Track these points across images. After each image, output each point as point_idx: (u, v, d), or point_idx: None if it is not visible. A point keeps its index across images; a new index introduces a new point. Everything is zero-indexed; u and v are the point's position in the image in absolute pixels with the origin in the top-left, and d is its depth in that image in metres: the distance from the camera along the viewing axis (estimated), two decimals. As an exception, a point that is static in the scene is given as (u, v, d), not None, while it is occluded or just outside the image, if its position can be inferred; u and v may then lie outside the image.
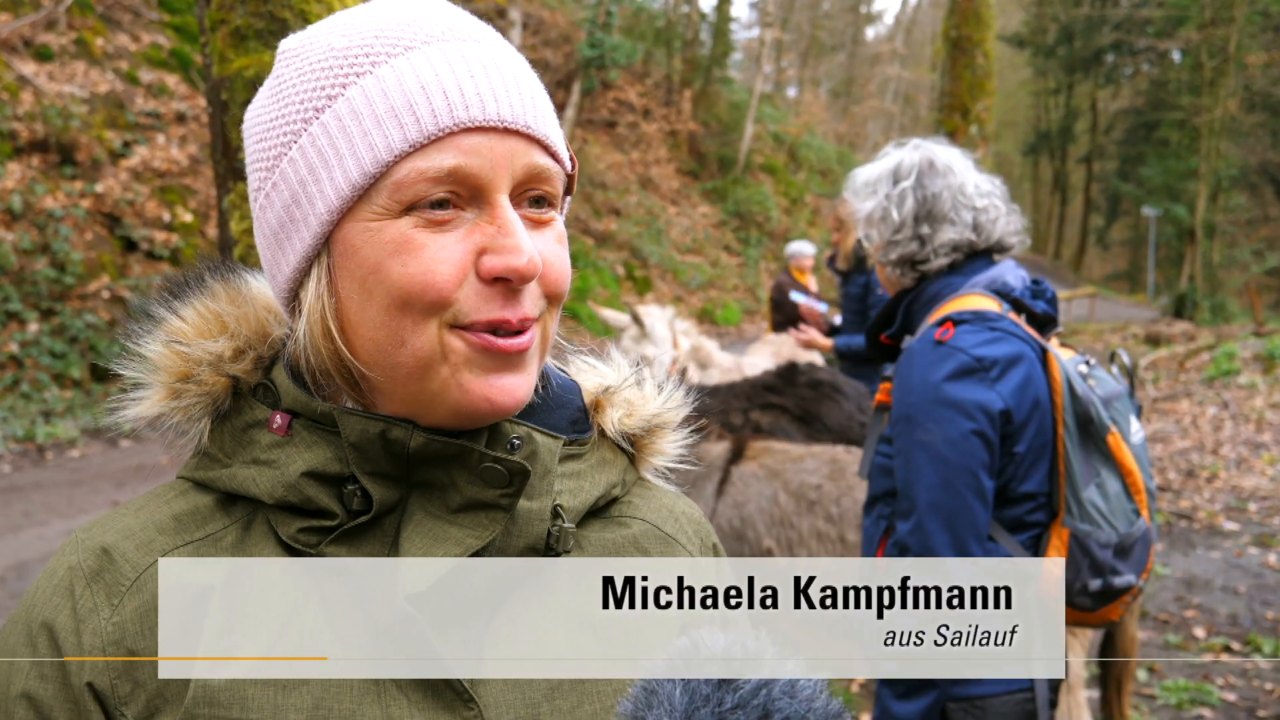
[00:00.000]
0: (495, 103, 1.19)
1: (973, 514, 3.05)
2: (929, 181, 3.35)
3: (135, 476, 12.26)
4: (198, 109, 19.89)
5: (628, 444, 1.51)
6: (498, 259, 1.18)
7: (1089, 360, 3.25)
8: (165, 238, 17.63)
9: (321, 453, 1.26)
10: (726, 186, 37.36)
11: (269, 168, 1.25)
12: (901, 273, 3.45)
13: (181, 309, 1.37)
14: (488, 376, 1.21)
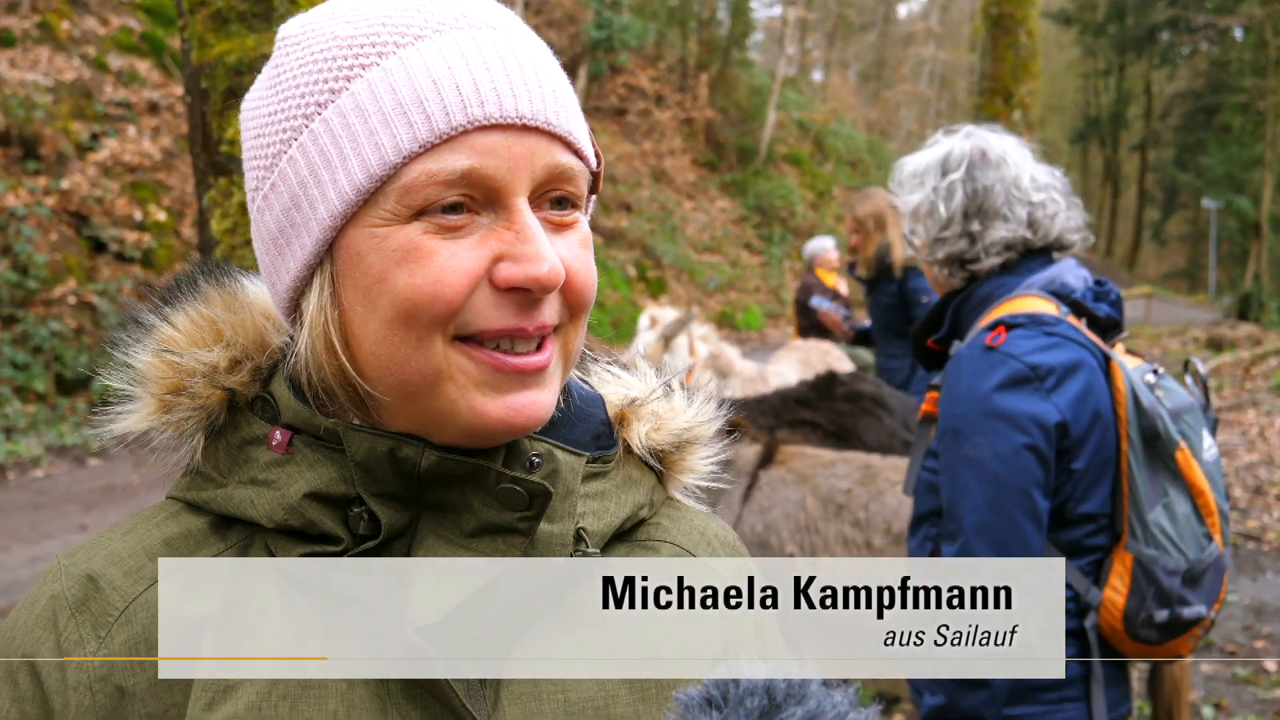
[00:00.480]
0: (513, 97, 1.18)
1: (1025, 537, 3.03)
2: (980, 173, 3.33)
3: (105, 498, 12.29)
4: (172, 98, 19.95)
5: (655, 461, 1.50)
6: (516, 268, 1.18)
7: (1157, 369, 3.22)
8: (137, 238, 17.68)
9: (325, 472, 1.26)
10: (747, 179, 37.36)
11: (267, 166, 1.25)
12: (950, 272, 3.43)
13: (173, 315, 1.36)
14: (503, 396, 1.21)
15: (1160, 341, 28.59)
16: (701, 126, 37.94)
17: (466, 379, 1.20)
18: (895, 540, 4.91)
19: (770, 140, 39.09)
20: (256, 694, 1.21)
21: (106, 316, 16.18)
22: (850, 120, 51.71)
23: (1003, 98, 20.76)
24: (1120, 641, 3.14)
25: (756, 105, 40.21)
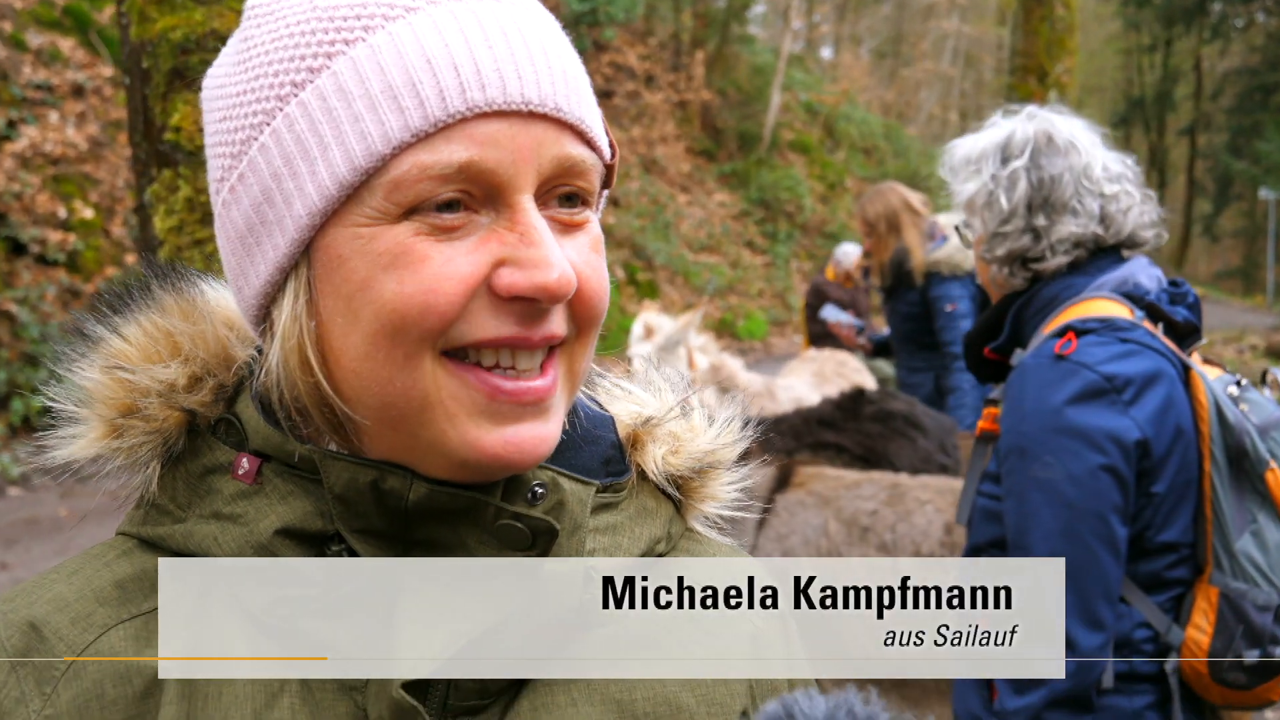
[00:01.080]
0: (518, 80, 1.16)
1: (1102, 569, 3.02)
2: (1047, 161, 3.32)
3: (28, 533, 12.22)
4: (99, 80, 19.91)
5: (673, 488, 1.48)
6: (520, 274, 1.16)
7: (1240, 380, 3.21)
8: (61, 238, 17.61)
9: (299, 505, 1.24)
10: (748, 169, 37.37)
11: (235, 154, 1.23)
12: (1010, 272, 3.42)
13: (123, 326, 1.34)
14: (501, 429, 1.19)
15: (1213, 349, 28.57)
16: (697, 110, 37.94)
17: (457, 405, 1.18)
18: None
19: (774, 125, 39.10)
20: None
21: (27, 328, 16.09)
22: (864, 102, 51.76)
23: (1036, 76, 20.85)
24: (1204, 687, 3.13)
25: (759, 86, 40.22)
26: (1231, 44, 58.82)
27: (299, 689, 1.22)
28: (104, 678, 1.22)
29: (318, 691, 1.22)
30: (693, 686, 1.36)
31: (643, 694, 1.33)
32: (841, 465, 6.17)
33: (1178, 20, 57.19)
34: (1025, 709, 3.07)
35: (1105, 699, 3.13)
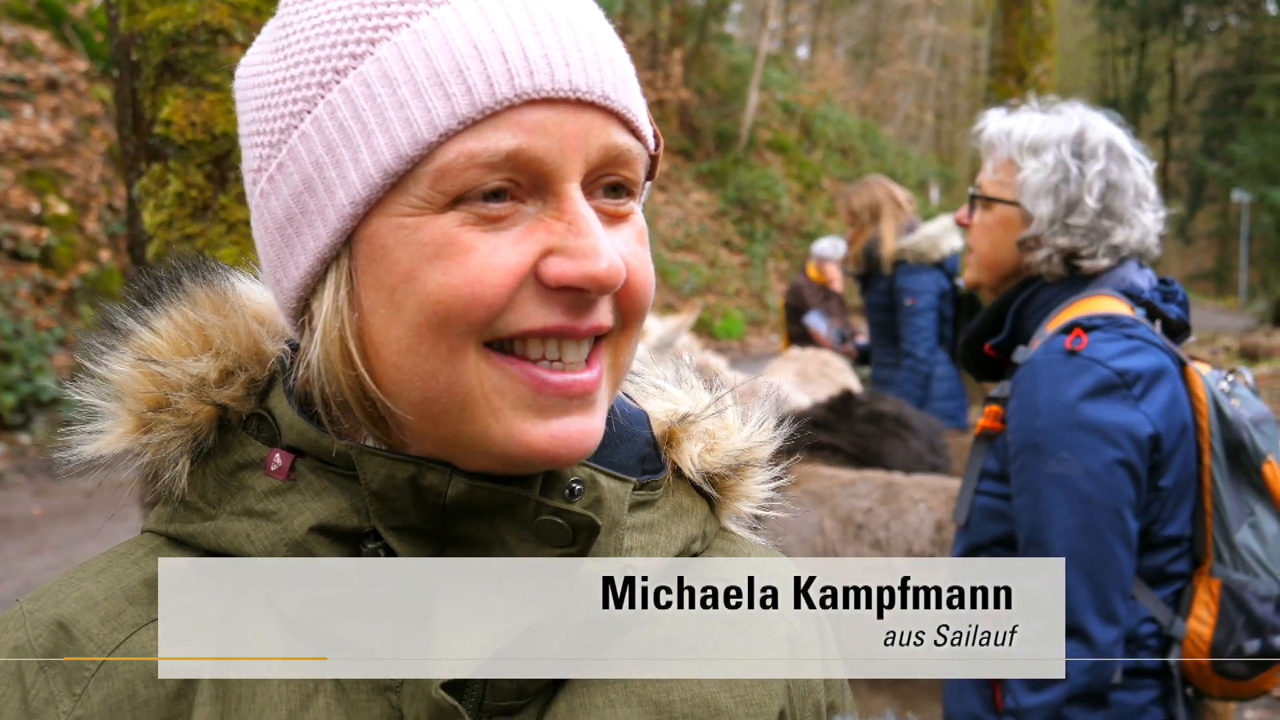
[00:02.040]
0: (567, 67, 1.14)
1: (1118, 564, 3.06)
2: (1118, 170, 3.36)
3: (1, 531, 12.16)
4: (74, 74, 19.85)
5: (709, 486, 1.47)
6: (570, 264, 1.13)
7: (1230, 376, 3.28)
8: (34, 234, 17.56)
9: (334, 502, 1.22)
10: (726, 168, 37.52)
11: (274, 143, 1.20)
12: (1055, 262, 3.42)
13: (154, 319, 1.32)
14: (548, 422, 1.17)
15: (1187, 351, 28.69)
16: (675, 109, 38.06)
17: (502, 400, 1.16)
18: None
19: (752, 125, 39.29)
20: None
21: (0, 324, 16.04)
22: (841, 102, 52.00)
23: (1015, 77, 20.91)
24: (1205, 679, 3.19)
25: (736, 85, 40.41)
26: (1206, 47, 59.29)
27: (334, 689, 1.21)
28: (135, 678, 1.20)
29: (353, 692, 1.21)
30: (730, 687, 1.35)
31: (680, 695, 1.32)
32: (837, 465, 6.21)
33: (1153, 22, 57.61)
34: (1044, 706, 3.09)
35: (1112, 694, 3.17)
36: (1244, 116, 51.24)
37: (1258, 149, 44.14)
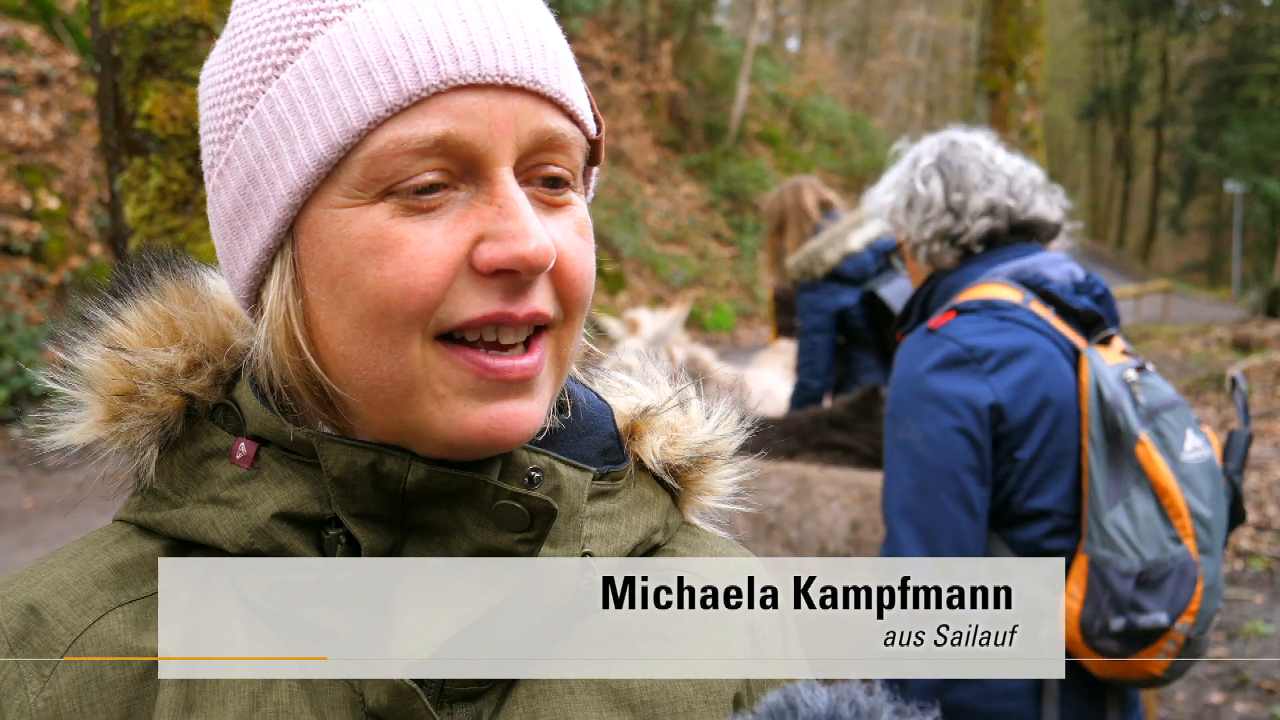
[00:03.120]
0: (494, 53, 1.17)
1: (953, 522, 3.22)
2: (953, 156, 3.65)
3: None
4: (64, 69, 19.80)
5: (671, 479, 1.49)
6: (499, 247, 1.16)
7: (1143, 365, 3.38)
8: (25, 228, 17.53)
9: (296, 489, 1.24)
10: (715, 160, 37.42)
11: (223, 139, 1.24)
12: (941, 250, 3.66)
13: (124, 311, 1.35)
14: (485, 406, 1.19)
15: (1180, 342, 28.80)
16: (664, 101, 37.97)
17: (447, 388, 1.18)
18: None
19: (741, 117, 39.17)
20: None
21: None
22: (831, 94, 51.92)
23: (1005, 68, 20.94)
24: (1081, 654, 3.27)
25: (725, 77, 40.29)
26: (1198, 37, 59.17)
27: (295, 673, 1.23)
28: (103, 660, 1.23)
29: (315, 679, 1.23)
30: (690, 675, 1.37)
31: (639, 681, 1.33)
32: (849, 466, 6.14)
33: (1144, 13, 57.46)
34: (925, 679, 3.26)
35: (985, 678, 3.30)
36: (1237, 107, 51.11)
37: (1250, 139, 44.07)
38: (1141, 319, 33.40)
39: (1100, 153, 71.51)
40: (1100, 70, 66.56)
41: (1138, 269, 55.49)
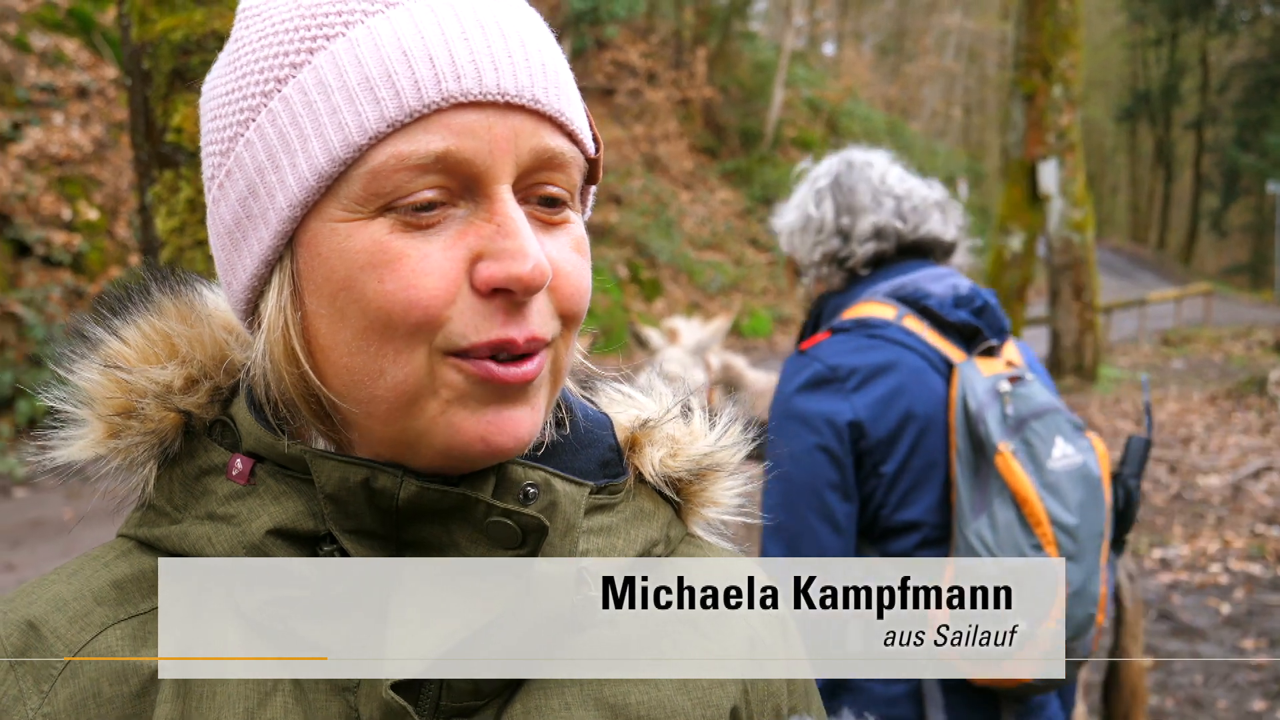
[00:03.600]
0: (494, 71, 1.17)
1: (817, 538, 3.28)
2: (845, 179, 3.70)
3: (34, 534, 12.27)
4: (103, 81, 19.97)
5: (672, 491, 1.48)
6: (496, 265, 1.16)
7: (1019, 375, 3.40)
8: (65, 239, 17.67)
9: (291, 506, 1.25)
10: (751, 166, 37.43)
11: (223, 151, 1.25)
12: (830, 272, 3.72)
13: (122, 328, 1.35)
14: (483, 411, 1.20)
15: (1222, 344, 28.65)
16: (699, 107, 38.00)
17: (451, 392, 1.18)
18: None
19: (777, 122, 39.18)
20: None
21: (32, 329, 16.15)
22: (867, 99, 51.85)
23: (1041, 71, 20.87)
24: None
25: (761, 83, 40.30)
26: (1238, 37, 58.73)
27: (292, 688, 1.23)
28: (100, 676, 1.24)
29: (310, 691, 1.24)
30: (688, 689, 1.37)
31: (637, 697, 1.33)
32: None
33: (1184, 13, 57.12)
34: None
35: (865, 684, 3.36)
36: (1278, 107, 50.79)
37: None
38: (1182, 321, 33.19)
39: (1140, 155, 71.11)
40: (1139, 72, 66.21)
41: (1179, 271, 55.12)
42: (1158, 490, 14.16)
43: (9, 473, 14.46)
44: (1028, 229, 20.89)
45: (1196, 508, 13.28)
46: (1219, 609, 9.80)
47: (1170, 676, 8.40)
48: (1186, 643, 9.05)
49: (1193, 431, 17.86)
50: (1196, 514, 13.02)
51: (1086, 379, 22.12)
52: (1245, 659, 8.67)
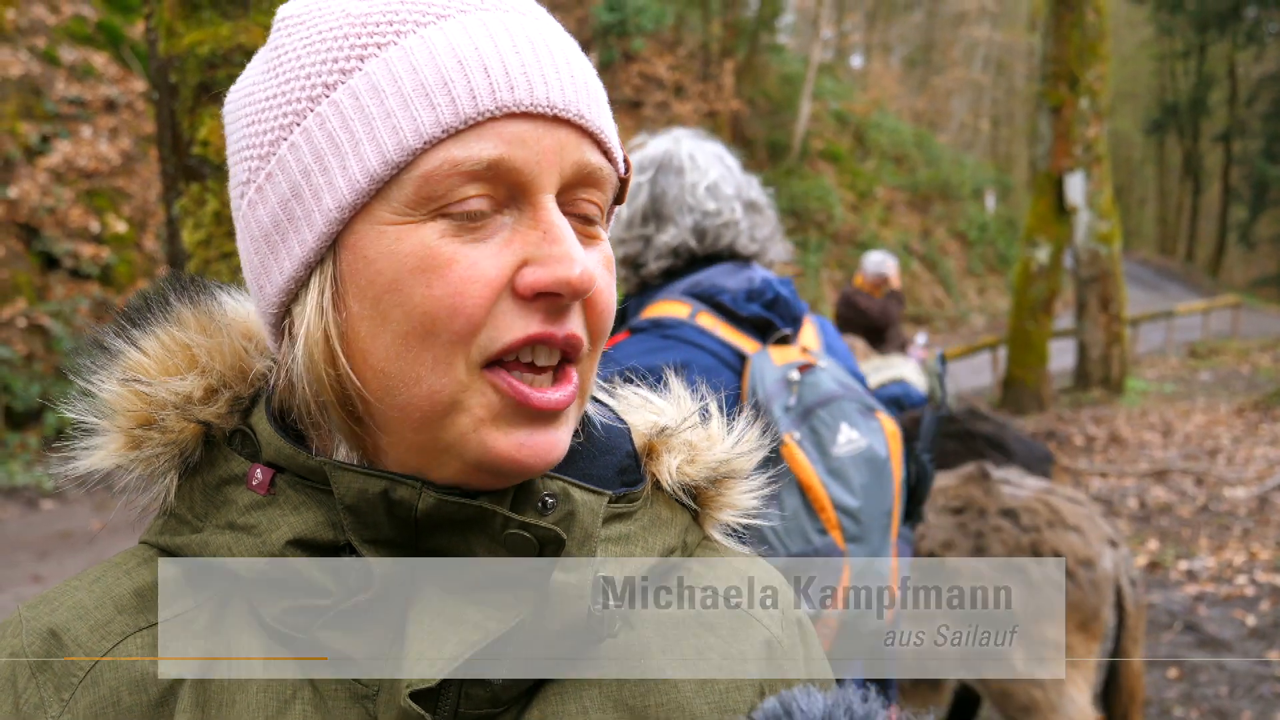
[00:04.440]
0: (545, 84, 1.20)
1: None
2: (662, 177, 3.62)
3: (62, 545, 12.32)
4: (131, 95, 20.06)
5: (689, 498, 1.50)
6: (544, 271, 1.18)
7: (807, 364, 3.42)
8: (94, 252, 17.75)
9: (311, 516, 1.26)
10: (779, 178, 37.30)
11: (263, 155, 1.25)
12: (626, 275, 3.71)
13: (142, 339, 1.36)
14: (516, 433, 1.21)
15: (1249, 356, 28.48)
16: (727, 120, 37.94)
17: (485, 411, 1.20)
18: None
19: (804, 134, 39.10)
20: None
21: (60, 341, 16.23)
22: (895, 111, 51.71)
23: (1068, 83, 20.83)
24: None
25: (788, 95, 40.23)
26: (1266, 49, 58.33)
27: (311, 696, 1.25)
28: (120, 684, 1.25)
29: (330, 699, 1.25)
30: (706, 693, 1.37)
31: (655, 700, 1.34)
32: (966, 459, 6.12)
33: (1211, 25, 56.78)
34: None
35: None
36: (1306, 119, 50.58)
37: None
38: (1210, 334, 32.99)
39: (1168, 167, 70.73)
40: (1167, 84, 65.87)
41: (1207, 284, 54.80)
42: (1184, 502, 14.11)
43: (38, 485, 14.53)
44: (1055, 241, 20.85)
45: (1223, 519, 13.22)
46: (1245, 621, 9.75)
47: (1195, 688, 8.36)
48: (1212, 654, 9.00)
49: (1220, 443, 17.77)
50: (1223, 526, 12.96)
51: (1114, 391, 22.02)
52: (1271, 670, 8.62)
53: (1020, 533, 5.08)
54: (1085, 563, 4.96)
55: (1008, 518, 5.12)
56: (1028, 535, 5.07)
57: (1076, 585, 4.90)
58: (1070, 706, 4.93)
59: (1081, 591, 4.93)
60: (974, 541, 5.08)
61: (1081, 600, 4.93)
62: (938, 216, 44.95)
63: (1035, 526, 5.08)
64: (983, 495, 5.22)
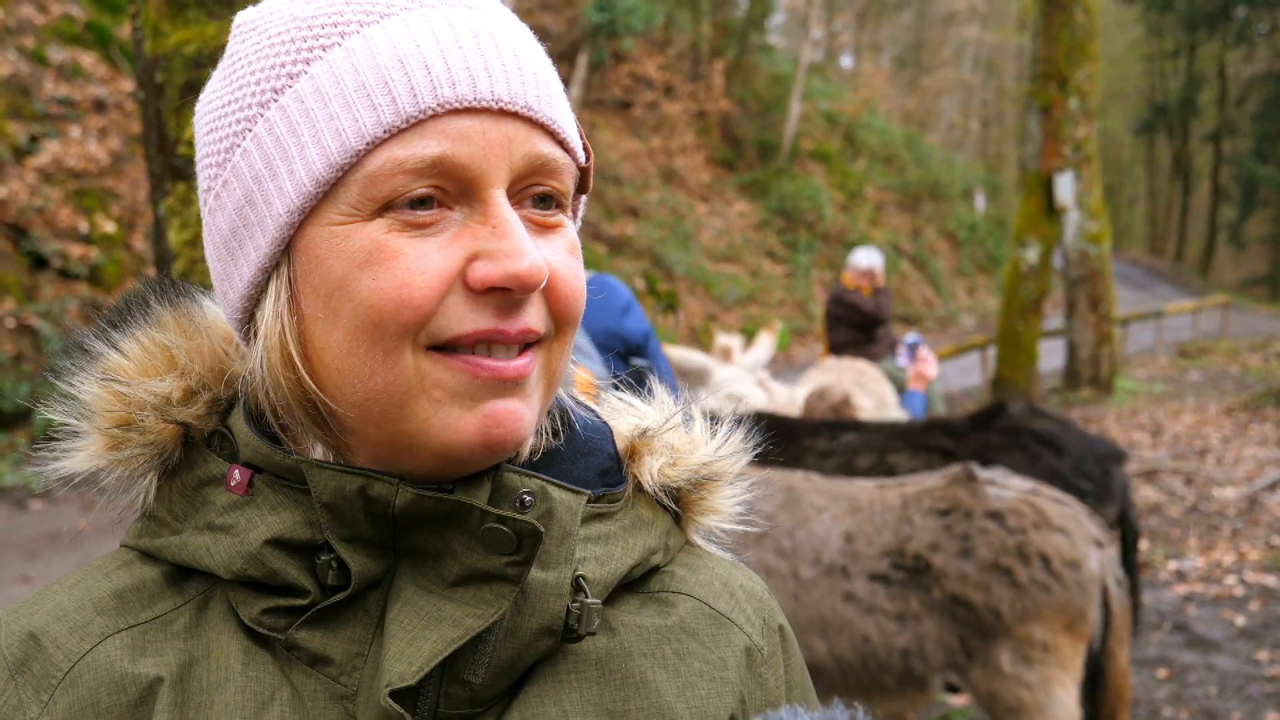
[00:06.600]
0: (489, 78, 1.20)
1: None
2: None
3: (49, 546, 12.29)
4: (120, 94, 20.03)
5: (671, 500, 1.49)
6: (493, 265, 1.18)
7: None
8: (82, 252, 17.72)
9: (288, 516, 1.26)
10: (768, 179, 37.39)
11: (220, 162, 1.26)
12: None
13: (121, 341, 1.36)
14: (477, 406, 1.21)
15: (1239, 356, 28.53)
16: (716, 120, 38.01)
17: (442, 392, 1.20)
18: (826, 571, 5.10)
19: (794, 135, 39.14)
20: None
21: (49, 341, 16.20)
22: (884, 111, 51.80)
23: (1058, 83, 20.87)
24: None
25: (778, 96, 40.27)
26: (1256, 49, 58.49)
27: (290, 696, 1.24)
28: (99, 686, 1.24)
29: (309, 699, 1.24)
30: (687, 698, 1.37)
31: (636, 704, 1.33)
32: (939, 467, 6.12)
33: (1201, 26, 56.92)
34: None
35: None
36: (1295, 119, 50.70)
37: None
38: (1200, 333, 33.09)
39: (1158, 167, 70.87)
40: (1157, 84, 66.00)
41: (1196, 283, 54.93)
42: (1173, 502, 14.14)
43: (26, 486, 14.51)
44: (1044, 241, 20.88)
45: (1212, 520, 13.24)
46: (1234, 621, 9.77)
47: (1184, 688, 8.38)
48: (1201, 655, 9.02)
49: (1209, 443, 17.80)
50: (1212, 526, 12.98)
51: (1103, 391, 22.06)
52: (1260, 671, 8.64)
53: (1006, 534, 5.09)
54: (1071, 564, 4.97)
55: (994, 519, 5.14)
56: (1014, 536, 5.08)
57: (1063, 586, 4.92)
58: (1058, 707, 4.94)
59: (1068, 592, 4.94)
60: (960, 543, 5.11)
61: (1068, 601, 4.95)
62: (927, 216, 45.04)
63: (1021, 528, 5.10)
64: (969, 497, 5.24)
